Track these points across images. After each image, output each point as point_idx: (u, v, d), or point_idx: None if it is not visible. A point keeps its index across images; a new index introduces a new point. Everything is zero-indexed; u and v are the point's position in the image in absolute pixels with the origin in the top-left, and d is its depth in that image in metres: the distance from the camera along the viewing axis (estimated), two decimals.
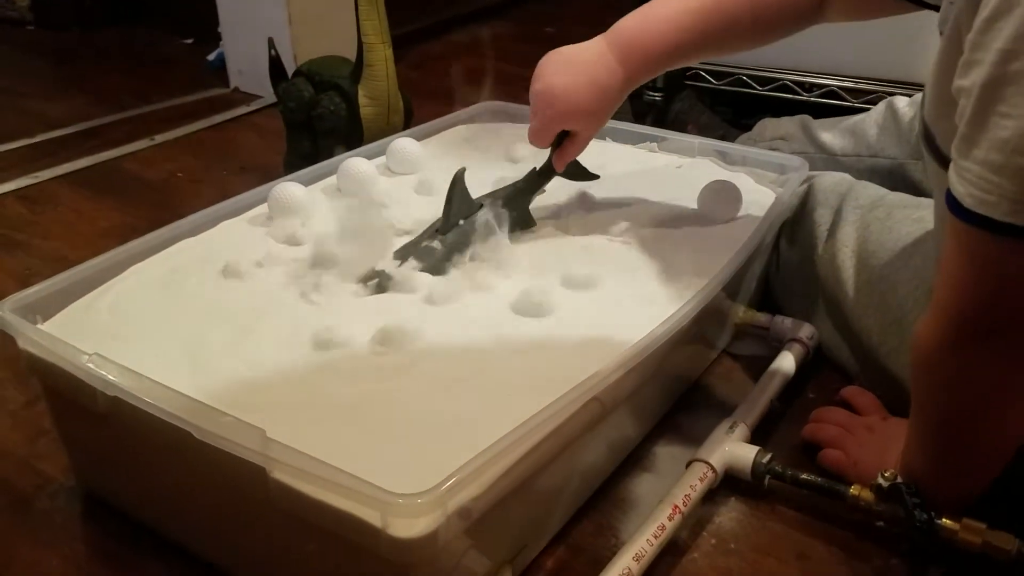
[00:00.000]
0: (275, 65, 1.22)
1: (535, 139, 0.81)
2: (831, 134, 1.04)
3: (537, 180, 0.85)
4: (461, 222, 0.79)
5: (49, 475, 0.74)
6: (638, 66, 0.78)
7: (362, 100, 1.16)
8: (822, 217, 0.85)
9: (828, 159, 1.03)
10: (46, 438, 0.77)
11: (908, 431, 0.64)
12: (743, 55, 1.31)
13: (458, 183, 0.80)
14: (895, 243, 0.79)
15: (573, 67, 0.78)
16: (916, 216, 0.80)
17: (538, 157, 0.95)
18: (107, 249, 0.75)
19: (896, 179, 0.97)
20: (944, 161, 0.60)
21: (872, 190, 0.86)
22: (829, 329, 0.85)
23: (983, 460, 0.61)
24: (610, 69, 0.77)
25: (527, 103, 1.11)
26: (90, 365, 0.59)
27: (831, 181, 0.89)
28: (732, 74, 1.33)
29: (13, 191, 1.30)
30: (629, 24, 0.78)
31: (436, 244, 0.77)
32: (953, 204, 0.51)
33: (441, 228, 0.78)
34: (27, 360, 0.65)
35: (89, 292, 0.72)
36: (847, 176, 0.91)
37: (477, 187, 0.90)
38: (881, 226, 0.81)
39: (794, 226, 0.89)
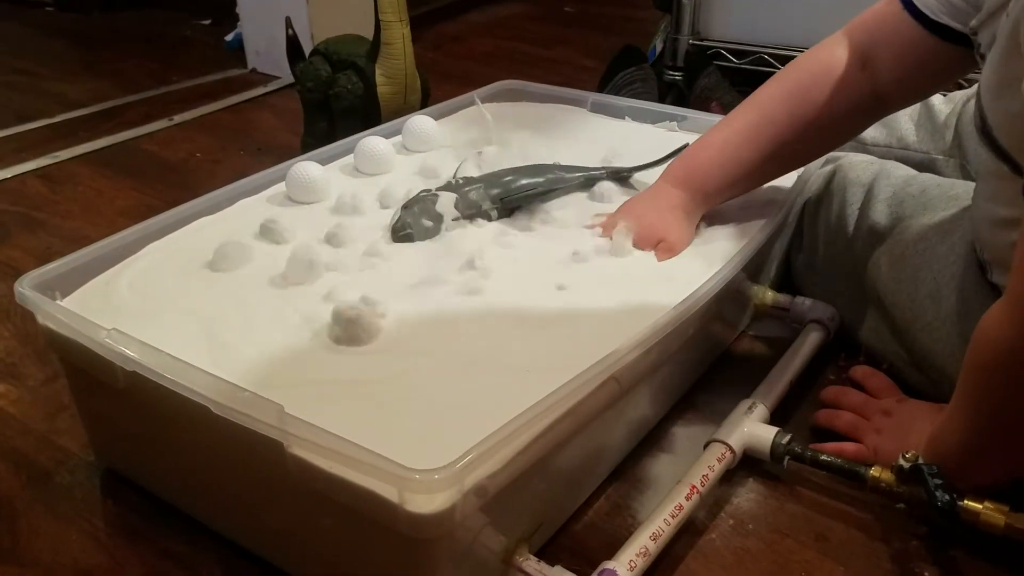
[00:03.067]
0: (292, 45, 1.22)
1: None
2: None
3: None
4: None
5: (69, 450, 0.75)
6: (705, 198, 0.81)
7: (379, 79, 1.16)
8: (854, 196, 0.84)
9: (856, 147, 1.02)
10: (65, 414, 0.78)
11: (948, 413, 0.63)
12: (763, 31, 1.31)
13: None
14: (931, 218, 0.78)
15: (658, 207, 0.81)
16: (952, 194, 0.79)
17: (556, 142, 0.95)
18: (126, 228, 0.75)
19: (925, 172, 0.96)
20: (997, 147, 0.59)
21: (903, 170, 0.85)
22: (856, 308, 0.84)
23: None
24: (684, 201, 0.80)
25: (544, 82, 1.11)
26: (109, 341, 0.59)
27: (861, 160, 0.88)
28: (753, 52, 1.31)
29: (33, 170, 1.30)
30: (680, 165, 0.82)
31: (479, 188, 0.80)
32: None
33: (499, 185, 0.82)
34: (46, 336, 0.65)
35: (108, 269, 0.72)
36: (875, 158, 0.90)
37: (495, 166, 0.90)
38: (915, 203, 0.80)
39: (820, 204, 0.88)
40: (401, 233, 0.77)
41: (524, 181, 0.83)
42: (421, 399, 0.59)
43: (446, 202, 0.78)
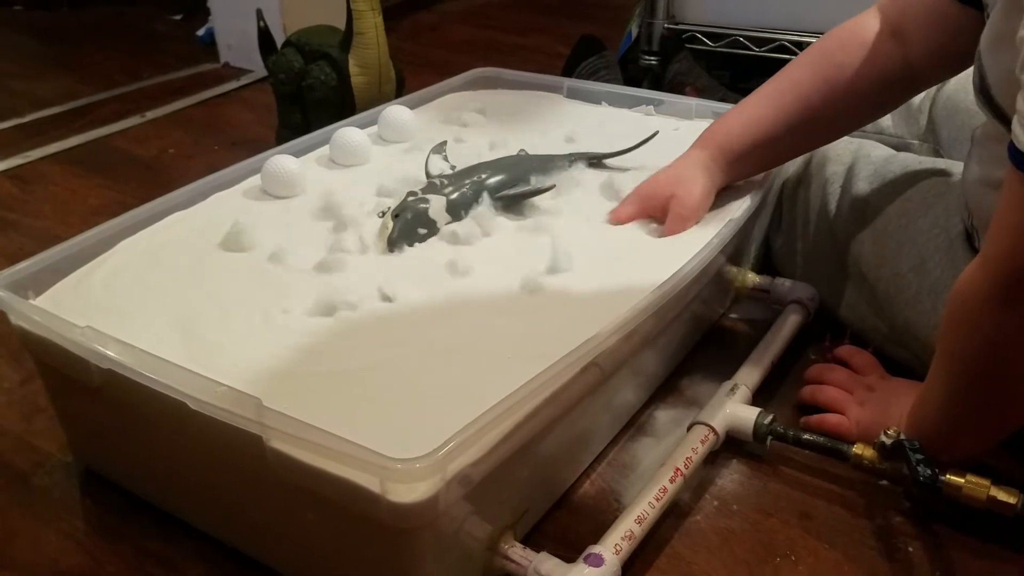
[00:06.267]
0: (264, 37, 1.21)
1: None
2: None
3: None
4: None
5: (46, 452, 0.73)
6: (728, 158, 0.79)
7: (353, 69, 1.15)
8: (834, 175, 0.84)
9: None
10: (42, 415, 0.77)
11: (926, 385, 0.63)
12: (737, 13, 1.30)
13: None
14: (913, 193, 0.78)
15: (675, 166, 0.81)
16: (933, 170, 0.79)
17: (533, 128, 0.94)
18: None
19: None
20: (995, 108, 0.59)
21: (882, 149, 0.85)
22: (836, 286, 0.84)
23: (1011, 415, 0.60)
24: (703, 159, 0.80)
25: (520, 70, 1.11)
26: (82, 339, 0.58)
27: (840, 140, 0.88)
28: (728, 35, 1.31)
29: (4, 171, 1.28)
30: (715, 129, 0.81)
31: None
32: (1016, 154, 0.50)
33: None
34: (20, 336, 0.64)
35: (80, 267, 0.71)
36: (852, 138, 0.90)
37: (472, 154, 0.89)
38: (897, 179, 0.80)
39: (799, 185, 0.88)
40: (398, 245, 0.74)
41: (503, 177, 0.81)
42: (402, 388, 0.59)
43: (437, 207, 0.76)
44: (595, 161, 0.89)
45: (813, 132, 0.79)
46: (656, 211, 0.78)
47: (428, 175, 0.84)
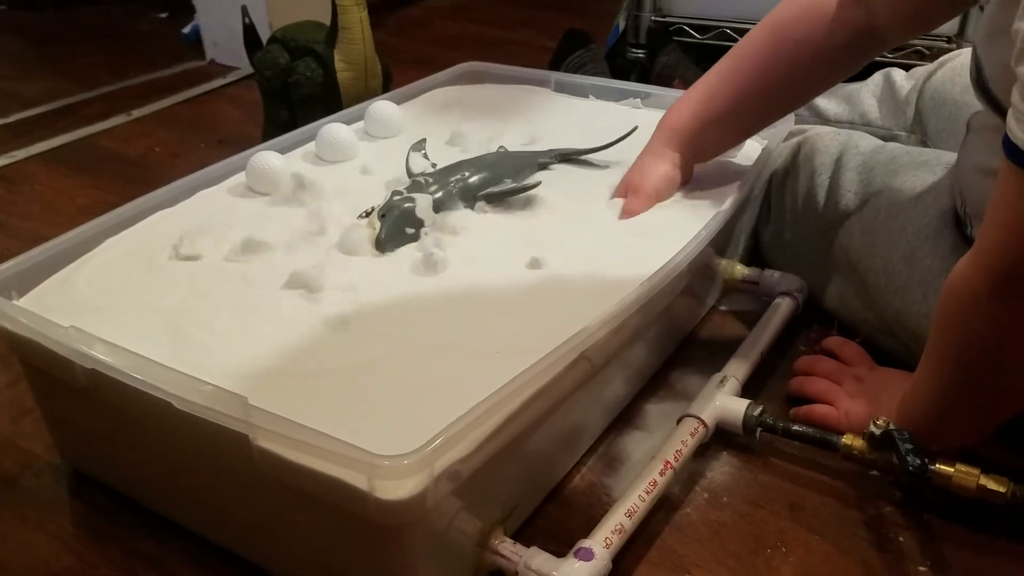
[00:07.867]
0: (250, 34, 1.20)
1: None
2: (827, 100, 1.03)
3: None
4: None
5: (34, 453, 0.73)
6: (679, 136, 0.81)
7: (339, 65, 1.14)
8: (823, 166, 0.84)
9: (820, 123, 1.02)
10: (30, 417, 0.76)
11: (917, 376, 0.63)
12: (724, 5, 1.30)
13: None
14: (902, 183, 0.78)
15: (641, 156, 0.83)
16: (921, 160, 0.79)
17: (517, 121, 0.94)
18: None
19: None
20: (992, 100, 0.59)
21: (870, 140, 0.85)
22: (825, 278, 0.84)
23: (1002, 408, 0.60)
24: (654, 145, 0.82)
25: (507, 64, 1.10)
26: (66, 339, 0.57)
27: (827, 131, 0.88)
28: (715, 27, 1.31)
29: None
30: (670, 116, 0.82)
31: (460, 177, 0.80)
32: (1011, 148, 0.50)
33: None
34: (5, 337, 0.64)
35: (65, 266, 0.71)
36: (841, 129, 0.90)
37: (456, 150, 0.89)
38: (885, 169, 0.80)
39: (787, 176, 0.88)
40: (387, 246, 0.74)
41: (487, 175, 0.81)
42: (389, 385, 0.58)
43: (424, 206, 0.76)
44: (577, 157, 0.89)
45: (770, 106, 0.80)
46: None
47: (410, 174, 0.83)
